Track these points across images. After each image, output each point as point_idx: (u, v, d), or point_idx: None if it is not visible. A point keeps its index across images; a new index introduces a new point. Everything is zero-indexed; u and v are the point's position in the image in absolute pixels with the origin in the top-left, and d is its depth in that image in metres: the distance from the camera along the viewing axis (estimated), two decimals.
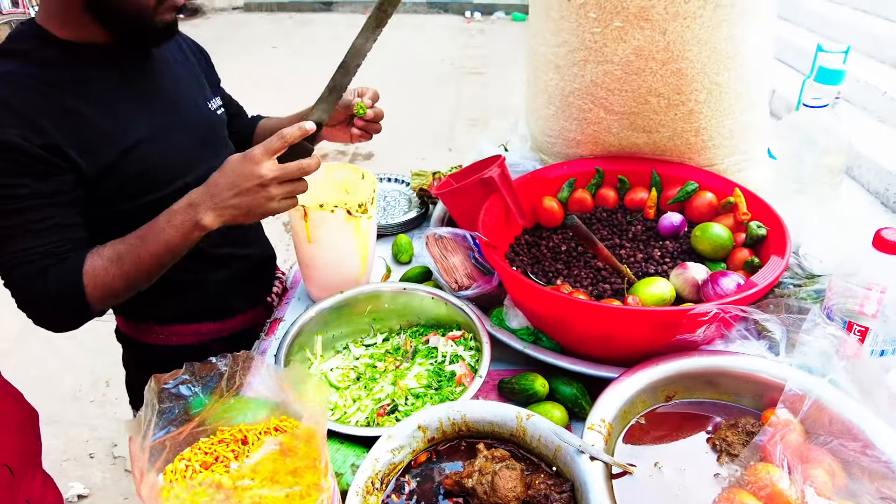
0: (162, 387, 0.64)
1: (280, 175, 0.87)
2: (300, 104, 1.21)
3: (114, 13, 0.92)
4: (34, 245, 0.90)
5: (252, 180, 0.86)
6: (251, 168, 0.86)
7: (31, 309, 0.94)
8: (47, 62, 0.93)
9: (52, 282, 0.90)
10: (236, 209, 0.88)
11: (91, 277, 0.91)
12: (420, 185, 1.54)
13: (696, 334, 0.90)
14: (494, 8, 9.07)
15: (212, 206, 0.88)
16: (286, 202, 0.91)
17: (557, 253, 1.20)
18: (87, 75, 0.95)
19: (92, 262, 0.92)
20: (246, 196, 0.87)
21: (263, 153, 0.87)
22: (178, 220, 0.90)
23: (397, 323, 1.18)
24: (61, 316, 0.95)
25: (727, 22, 1.07)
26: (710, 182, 1.23)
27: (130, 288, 0.96)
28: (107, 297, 0.94)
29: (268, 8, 9.36)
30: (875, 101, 3.49)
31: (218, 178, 0.89)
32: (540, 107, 1.35)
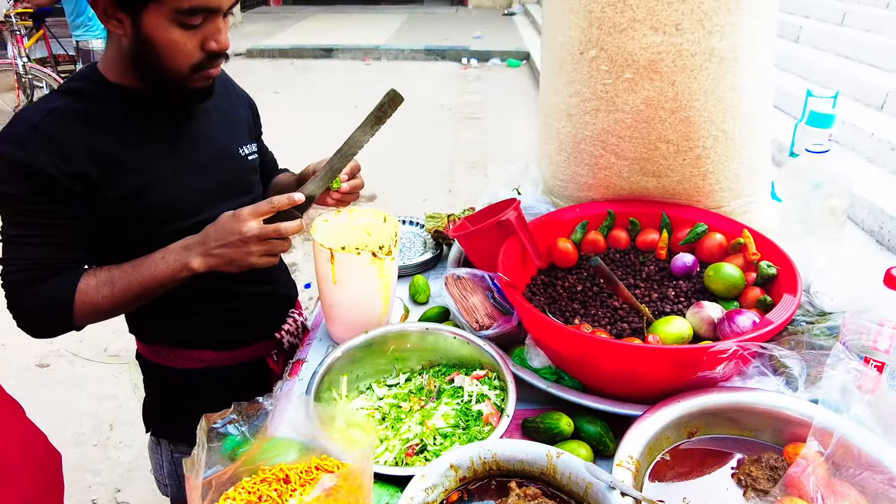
0: (211, 426, 0.65)
1: (259, 234, 1.00)
2: (301, 148, 1.28)
3: (152, 74, 1.00)
4: (37, 256, 1.00)
5: (235, 235, 0.99)
6: (236, 225, 0.99)
7: (18, 313, 1.03)
8: (93, 100, 1.02)
9: (45, 292, 1.00)
10: (220, 258, 1.01)
11: (83, 294, 1.02)
12: (435, 227, 1.59)
13: (715, 371, 0.93)
14: (490, 55, 9.37)
15: (200, 252, 1.01)
16: (265, 258, 1.03)
17: (574, 293, 1.23)
18: (125, 114, 1.04)
19: (87, 280, 1.03)
20: (229, 248, 1.00)
21: (250, 213, 1.00)
22: (172, 258, 1.02)
23: (418, 363, 1.20)
24: (44, 324, 1.05)
25: (730, 74, 1.14)
26: (719, 223, 1.27)
27: (115, 310, 1.07)
28: (92, 314, 1.04)
29: (270, 54, 9.64)
30: (863, 143, 3.61)
31: (210, 229, 1.02)
32: (552, 153, 1.41)
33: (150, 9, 0.91)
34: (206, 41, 0.97)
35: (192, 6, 0.91)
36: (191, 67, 0.99)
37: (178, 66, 0.98)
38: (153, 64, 0.97)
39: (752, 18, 1.12)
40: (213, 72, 1.03)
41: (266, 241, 1.01)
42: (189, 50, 0.97)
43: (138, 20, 0.92)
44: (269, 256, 1.03)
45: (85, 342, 3.03)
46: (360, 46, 9.75)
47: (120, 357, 2.99)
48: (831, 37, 5.32)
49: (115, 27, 0.95)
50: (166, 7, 0.90)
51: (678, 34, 1.09)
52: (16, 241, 1.00)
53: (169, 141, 1.09)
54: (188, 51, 0.97)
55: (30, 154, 0.94)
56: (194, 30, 0.95)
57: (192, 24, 0.94)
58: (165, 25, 0.93)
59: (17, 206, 0.97)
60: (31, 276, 1.00)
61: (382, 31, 11.02)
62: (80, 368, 2.92)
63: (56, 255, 1.01)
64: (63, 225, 1.00)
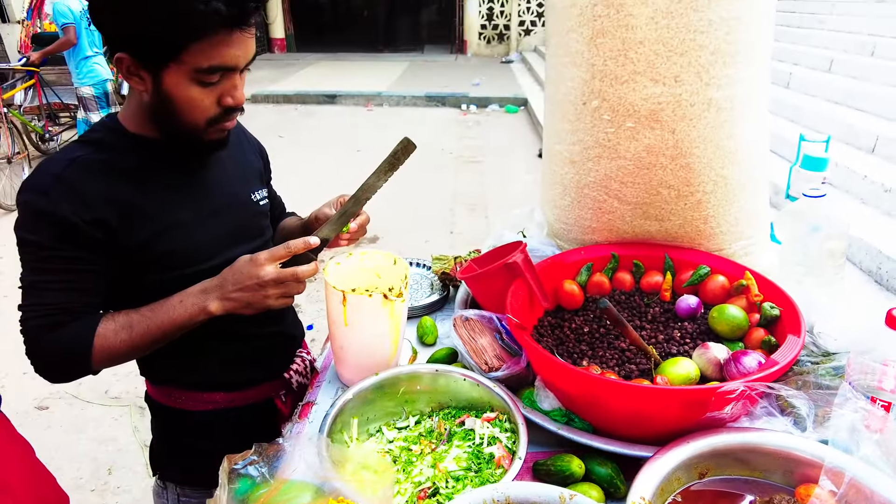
0: (232, 467, 0.66)
1: (277, 278, 1.03)
2: (306, 191, 1.31)
3: (170, 127, 1.04)
4: (57, 301, 1.02)
5: (253, 279, 1.03)
6: (254, 269, 1.03)
7: (37, 358, 1.04)
8: (113, 150, 1.06)
9: (64, 336, 1.02)
10: (237, 301, 1.05)
11: (102, 339, 1.04)
12: (442, 269, 1.62)
13: (724, 412, 0.94)
14: (489, 101, 9.61)
15: (218, 296, 1.04)
16: (282, 300, 1.07)
17: (581, 334, 1.25)
18: (144, 164, 1.08)
19: (105, 325, 1.05)
20: (246, 292, 1.03)
21: (267, 258, 1.03)
22: (190, 302, 1.05)
23: (428, 405, 1.20)
24: (63, 369, 1.06)
25: (728, 122, 1.19)
26: (721, 266, 1.31)
27: (132, 354, 1.08)
28: (109, 358, 1.06)
29: (274, 100, 9.88)
30: (856, 185, 3.68)
31: (227, 273, 1.05)
32: (556, 197, 1.45)
33: (170, 68, 0.96)
34: (223, 97, 1.02)
35: (211, 66, 0.96)
36: (207, 121, 1.04)
37: (195, 121, 1.03)
38: (171, 117, 1.02)
39: (746, 70, 1.18)
40: (228, 125, 1.08)
41: (283, 285, 1.04)
42: (206, 105, 1.01)
43: (159, 78, 0.97)
44: (285, 298, 1.06)
45: (85, 384, 3.01)
46: (363, 93, 10.00)
47: (121, 399, 2.96)
48: (820, 83, 5.49)
49: (137, 83, 0.99)
50: (186, 66, 0.95)
51: (677, 85, 1.15)
52: (36, 287, 1.02)
53: (185, 188, 1.13)
54: (205, 106, 1.01)
55: (53, 203, 0.97)
56: (212, 86, 0.99)
57: (209, 82, 0.98)
58: (185, 83, 0.97)
59: (39, 253, 1.00)
60: (51, 321, 1.01)
61: (384, 78, 11.33)
62: (80, 411, 2.90)
63: (77, 300, 1.03)
64: (85, 270, 1.03)
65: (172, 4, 0.89)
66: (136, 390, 3.00)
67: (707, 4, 1.10)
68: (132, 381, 3.05)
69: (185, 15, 0.89)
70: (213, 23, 0.91)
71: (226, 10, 0.91)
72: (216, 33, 0.93)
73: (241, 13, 0.93)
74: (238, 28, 0.95)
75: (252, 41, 1.00)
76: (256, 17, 0.99)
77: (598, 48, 1.18)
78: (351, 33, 15.80)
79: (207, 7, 0.89)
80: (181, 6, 0.89)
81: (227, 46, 0.95)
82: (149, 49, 0.94)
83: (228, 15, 0.92)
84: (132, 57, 0.95)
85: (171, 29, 0.91)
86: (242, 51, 0.98)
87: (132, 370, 3.13)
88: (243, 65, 1.01)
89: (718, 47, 1.13)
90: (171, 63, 0.95)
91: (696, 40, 1.12)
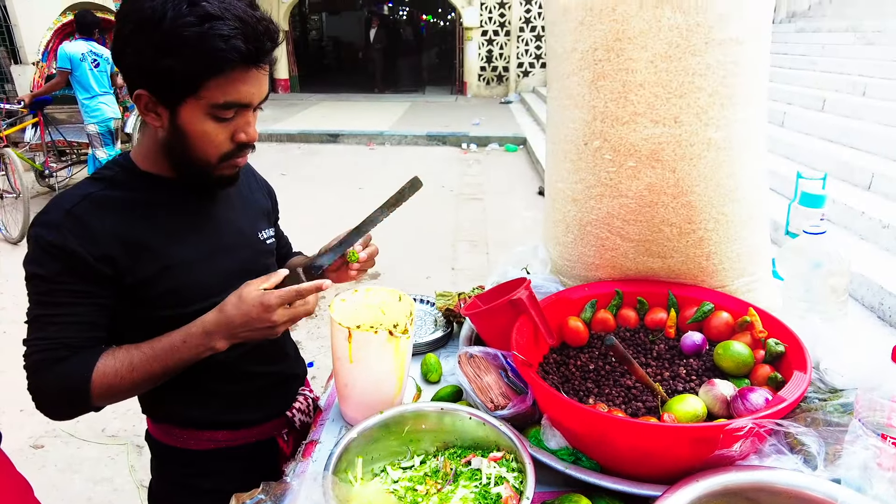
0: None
1: (290, 319, 1.05)
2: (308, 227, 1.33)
3: (183, 162, 1.07)
4: (60, 335, 1.02)
5: (265, 322, 1.04)
6: (265, 315, 1.03)
7: (37, 393, 1.04)
8: (125, 187, 1.08)
9: (63, 371, 1.01)
10: (246, 340, 1.06)
11: (101, 375, 1.02)
12: (446, 306, 1.62)
13: (732, 449, 0.93)
14: (489, 140, 9.78)
15: (225, 335, 1.05)
16: (285, 325, 1.08)
17: (586, 372, 1.25)
18: (154, 201, 1.10)
19: (105, 361, 1.04)
20: (257, 332, 1.05)
21: (278, 302, 1.03)
22: (194, 342, 1.05)
23: (433, 444, 1.19)
24: (62, 404, 1.05)
25: (727, 161, 1.22)
26: (724, 302, 1.31)
27: (133, 391, 1.07)
28: (110, 395, 1.04)
29: (277, 139, 10.04)
30: (855, 222, 3.72)
31: (234, 314, 1.04)
32: (559, 234, 1.47)
33: (187, 103, 0.99)
34: (237, 133, 1.05)
35: (227, 101, 0.99)
36: (220, 157, 1.06)
37: (208, 156, 1.05)
38: (185, 152, 1.05)
39: (744, 111, 1.22)
40: (239, 161, 1.10)
41: (292, 319, 1.05)
42: (220, 141, 1.04)
43: (176, 113, 1.00)
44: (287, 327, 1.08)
45: (82, 422, 2.97)
46: (365, 132, 10.17)
47: (118, 438, 2.92)
48: (814, 122, 5.60)
49: (154, 120, 1.02)
50: (203, 102, 0.98)
51: (677, 126, 1.18)
52: (41, 321, 1.02)
53: (194, 226, 1.15)
54: (219, 142, 1.04)
55: (62, 237, 0.99)
56: (226, 122, 1.03)
57: (224, 118, 1.02)
58: (200, 118, 1.00)
59: (46, 286, 1.01)
60: (52, 355, 1.01)
61: (386, 118, 11.54)
62: (76, 450, 2.85)
63: (79, 334, 1.03)
64: (92, 304, 1.03)
65: (194, 42, 0.93)
66: (133, 428, 2.96)
67: (704, 49, 1.14)
68: (130, 418, 3.01)
69: (206, 52, 0.93)
70: (231, 59, 0.95)
71: (244, 48, 0.95)
72: (234, 70, 0.97)
73: (258, 51, 0.98)
74: (255, 66, 0.99)
75: (266, 80, 1.04)
76: (271, 57, 1.02)
77: (599, 91, 1.22)
78: (353, 75, 16.17)
79: (227, 44, 0.93)
80: (202, 43, 0.93)
81: (243, 83, 0.99)
82: (168, 84, 0.97)
83: (247, 52, 0.96)
84: (151, 93, 0.99)
85: (191, 64, 0.94)
86: (257, 88, 1.02)
87: (130, 407, 3.10)
88: (257, 102, 1.04)
89: (716, 90, 1.16)
90: (189, 98, 0.98)
91: (695, 83, 1.15)
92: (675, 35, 1.13)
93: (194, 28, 0.92)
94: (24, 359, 1.03)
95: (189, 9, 0.92)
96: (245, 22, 0.96)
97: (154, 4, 0.93)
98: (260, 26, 0.98)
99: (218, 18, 0.93)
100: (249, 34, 0.96)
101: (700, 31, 1.13)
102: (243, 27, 0.95)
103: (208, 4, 0.93)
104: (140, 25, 0.94)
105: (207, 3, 0.93)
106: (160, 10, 0.92)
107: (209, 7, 0.93)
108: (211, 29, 0.93)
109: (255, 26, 0.97)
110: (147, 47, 0.95)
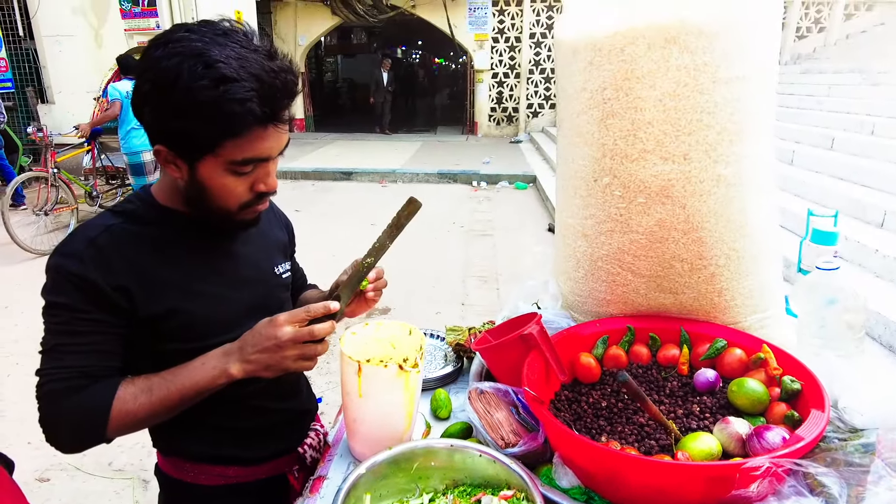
0: None
1: (294, 338, 1.01)
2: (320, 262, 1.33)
3: (202, 210, 1.08)
4: (77, 364, 1.01)
5: (271, 340, 1.01)
6: (272, 330, 1.01)
7: (50, 424, 1.02)
8: (144, 221, 1.09)
9: (82, 400, 1.00)
10: (257, 364, 1.03)
11: (121, 402, 1.01)
12: (456, 340, 1.61)
13: (749, 489, 0.91)
14: (499, 178, 9.87)
15: (239, 358, 1.03)
16: (300, 363, 1.04)
17: (598, 409, 1.23)
18: (172, 236, 1.11)
19: (125, 389, 1.03)
20: (265, 353, 1.02)
21: (286, 320, 1.02)
22: (211, 364, 1.04)
23: (442, 482, 1.17)
24: (78, 435, 1.03)
25: (737, 197, 1.23)
26: (737, 339, 1.30)
27: (149, 420, 1.05)
28: (126, 425, 1.03)
29: (292, 176, 10.21)
30: (869, 259, 3.68)
31: (248, 336, 1.04)
32: (569, 269, 1.47)
33: (206, 160, 0.99)
34: (256, 184, 1.06)
35: (244, 159, 0.99)
36: (240, 206, 1.07)
37: (228, 206, 1.06)
38: (205, 203, 1.06)
39: (752, 147, 1.23)
40: (260, 207, 1.11)
41: (301, 346, 1.02)
42: (240, 193, 1.05)
43: (194, 168, 1.01)
44: (303, 361, 1.04)
45: (89, 455, 2.94)
46: (378, 170, 10.32)
47: (124, 472, 2.89)
48: (823, 160, 5.62)
49: (174, 171, 1.03)
50: (221, 159, 0.99)
51: (686, 163, 1.19)
52: (58, 350, 1.02)
53: (210, 261, 1.16)
54: (239, 193, 1.05)
55: (84, 266, 1.00)
56: (245, 175, 1.03)
57: (243, 172, 1.02)
58: (219, 173, 1.01)
59: (65, 315, 1.01)
60: (69, 385, 1.01)
61: (398, 156, 11.72)
62: (82, 483, 2.82)
63: (98, 363, 1.03)
64: (110, 333, 1.03)
65: (208, 105, 0.92)
66: (140, 462, 2.93)
67: (712, 88, 1.16)
68: (137, 452, 2.99)
69: (221, 115, 0.93)
70: (247, 123, 0.95)
71: (260, 112, 0.94)
72: (251, 131, 0.96)
73: (274, 112, 0.97)
74: (272, 124, 0.99)
75: (286, 132, 1.03)
76: (289, 112, 1.02)
77: (609, 129, 1.24)
78: (367, 115, 16.51)
79: (243, 108, 0.92)
80: (217, 107, 0.92)
81: (261, 140, 0.99)
82: (185, 144, 0.98)
83: (262, 115, 0.95)
84: (169, 149, 1.00)
85: (206, 128, 0.94)
86: (276, 142, 1.02)
87: (138, 441, 3.08)
88: (276, 154, 1.05)
89: (725, 126, 1.18)
90: (207, 156, 0.99)
91: (703, 120, 1.17)
92: (682, 74, 1.16)
93: (209, 92, 0.90)
94: (38, 389, 1.02)
95: (204, 70, 0.91)
96: (262, 81, 0.94)
97: (170, 65, 0.92)
98: (278, 81, 0.96)
99: (233, 80, 0.91)
100: (266, 95, 0.94)
101: (707, 70, 1.15)
102: (260, 87, 0.94)
103: (224, 65, 0.91)
104: (156, 85, 0.94)
105: (223, 64, 0.91)
106: (175, 71, 0.91)
107: (224, 69, 0.91)
108: (226, 93, 0.91)
109: (273, 83, 0.95)
110: (163, 108, 0.95)
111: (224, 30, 0.98)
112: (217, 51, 0.93)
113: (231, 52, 0.94)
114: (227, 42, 0.95)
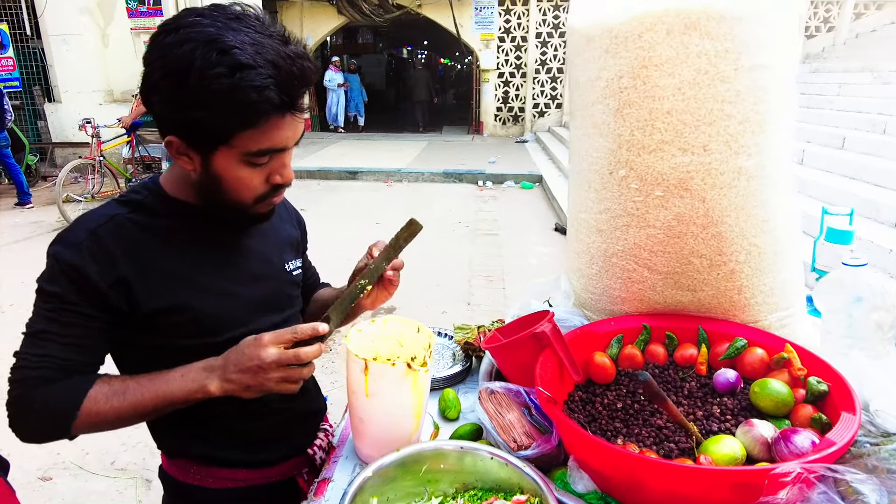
0: None
1: (278, 360, 0.95)
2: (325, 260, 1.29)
3: (216, 202, 1.03)
4: (54, 354, 0.97)
5: (254, 361, 0.96)
6: (255, 351, 0.96)
7: (17, 410, 0.97)
8: (150, 213, 1.05)
9: (54, 393, 0.96)
10: (237, 384, 0.97)
11: (92, 402, 0.97)
12: (465, 339, 1.57)
13: (778, 497, 0.86)
14: (504, 178, 9.83)
15: (219, 376, 0.98)
16: (283, 385, 0.99)
17: (614, 410, 1.18)
18: (180, 228, 1.07)
19: (99, 388, 0.98)
20: (246, 374, 0.96)
21: (271, 340, 0.96)
22: (191, 377, 0.99)
23: (451, 486, 1.12)
24: (42, 427, 0.98)
25: (759, 190, 1.18)
26: (758, 338, 1.25)
27: (118, 423, 1.00)
28: (94, 424, 0.98)
29: (297, 175, 10.12)
30: (883, 259, 3.62)
31: (231, 353, 0.99)
32: (583, 266, 1.42)
33: (220, 151, 0.95)
34: (272, 175, 1.01)
35: (260, 149, 0.95)
36: (255, 199, 1.03)
37: (243, 199, 1.02)
38: (219, 195, 1.01)
39: (774, 138, 1.18)
40: (275, 200, 1.07)
41: (285, 368, 0.97)
42: (255, 185, 1.00)
43: (208, 160, 0.96)
44: (287, 384, 0.98)
45: (91, 454, 2.92)
46: (383, 170, 10.29)
47: (127, 471, 2.86)
48: (834, 159, 5.55)
49: (185, 163, 0.99)
50: (236, 150, 0.94)
51: (706, 154, 1.14)
52: (40, 337, 0.97)
53: (220, 255, 1.11)
54: (254, 185, 1.00)
55: (81, 257, 0.96)
56: (261, 167, 0.99)
57: (259, 163, 0.98)
58: (234, 165, 0.96)
59: (54, 304, 0.97)
60: (43, 374, 0.96)
61: (404, 156, 11.70)
62: (84, 482, 2.79)
63: (75, 357, 0.99)
64: (96, 328, 0.99)
65: (224, 95, 0.87)
66: (143, 462, 2.90)
67: (734, 76, 1.11)
68: (140, 451, 2.96)
69: (238, 104, 0.88)
70: (265, 111, 0.90)
71: (278, 100, 0.90)
72: (268, 120, 0.92)
73: (292, 99, 0.93)
74: (290, 113, 0.94)
75: (301, 121, 0.99)
76: (306, 100, 0.98)
77: (625, 119, 1.20)
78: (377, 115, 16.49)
79: (260, 96, 0.88)
80: (233, 96, 0.87)
81: (277, 130, 0.94)
82: (198, 135, 0.94)
83: (280, 103, 0.91)
84: (181, 140, 0.95)
85: (222, 118, 0.90)
86: (292, 132, 0.97)
87: (141, 440, 3.06)
88: (292, 144, 1.00)
89: (747, 116, 1.13)
90: (221, 147, 0.94)
91: (724, 110, 1.12)
92: (703, 62, 1.11)
93: (224, 80, 0.86)
94: (12, 371, 0.98)
95: (219, 57, 0.86)
96: (279, 67, 0.89)
97: (182, 52, 0.87)
98: (295, 68, 0.91)
99: (250, 67, 0.86)
100: (283, 81, 0.90)
101: (729, 57, 1.10)
102: (277, 74, 0.89)
103: (239, 52, 0.86)
104: (167, 74, 0.89)
105: (239, 50, 0.86)
106: (188, 59, 0.86)
107: (240, 55, 0.86)
108: (242, 80, 0.86)
109: (290, 69, 0.91)
110: (175, 97, 0.90)
111: (237, 14, 0.92)
112: (231, 36, 0.88)
113: (246, 38, 0.88)
114: (241, 27, 0.90)
